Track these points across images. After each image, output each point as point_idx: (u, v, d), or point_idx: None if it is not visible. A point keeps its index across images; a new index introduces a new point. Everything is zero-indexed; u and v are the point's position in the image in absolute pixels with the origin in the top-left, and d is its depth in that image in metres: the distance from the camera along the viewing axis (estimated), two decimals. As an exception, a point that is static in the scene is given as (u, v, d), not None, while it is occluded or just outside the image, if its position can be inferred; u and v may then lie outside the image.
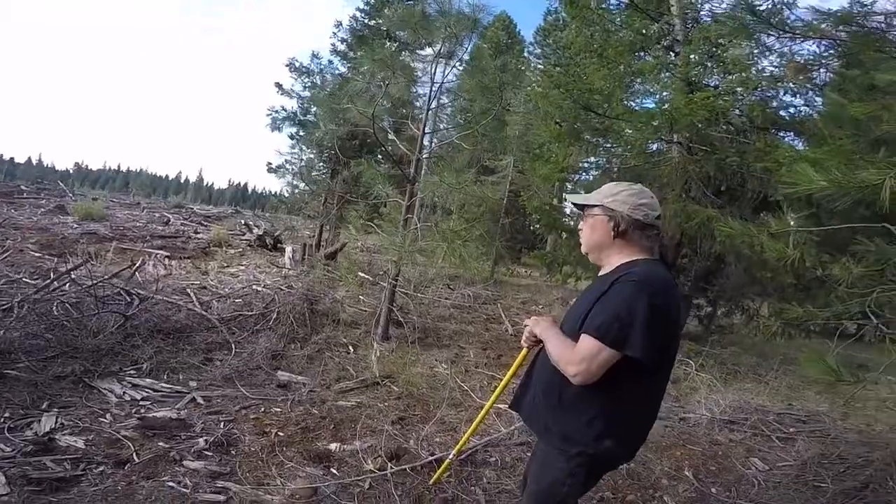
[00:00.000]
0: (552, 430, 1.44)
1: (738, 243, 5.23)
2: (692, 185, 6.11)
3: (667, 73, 6.27)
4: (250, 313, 5.53)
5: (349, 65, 12.24)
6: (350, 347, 5.40)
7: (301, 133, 12.05)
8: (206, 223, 15.04)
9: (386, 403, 3.82)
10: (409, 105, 7.32)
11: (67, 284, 4.91)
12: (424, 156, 5.84)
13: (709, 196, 6.01)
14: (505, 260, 14.32)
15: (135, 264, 6.43)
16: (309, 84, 12.13)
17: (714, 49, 6.18)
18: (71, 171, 47.30)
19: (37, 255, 7.13)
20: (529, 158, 9.02)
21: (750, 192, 5.84)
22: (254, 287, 6.92)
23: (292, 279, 8.19)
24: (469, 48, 5.47)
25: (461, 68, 5.94)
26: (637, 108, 6.53)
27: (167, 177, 57.62)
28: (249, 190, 60.74)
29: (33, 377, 3.08)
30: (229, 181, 60.84)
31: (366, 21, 12.76)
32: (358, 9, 12.87)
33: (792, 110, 6.31)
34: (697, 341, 7.71)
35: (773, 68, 6.07)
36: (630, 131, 6.26)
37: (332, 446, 2.85)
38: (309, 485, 2.33)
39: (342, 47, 12.58)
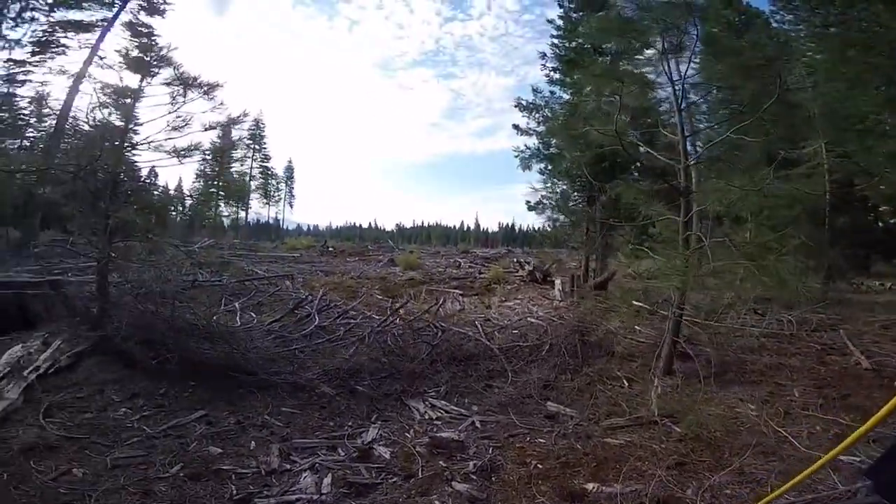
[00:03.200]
0: None
1: None
2: None
3: None
4: (525, 344, 5.88)
5: (570, 90, 12.12)
6: (624, 381, 4.99)
7: (548, 167, 12.46)
8: (486, 264, 17.29)
9: (663, 445, 3.35)
10: (652, 112, 6.54)
11: (396, 319, 6.51)
12: (691, 162, 5.02)
13: None
14: (843, 272, 10.49)
15: (438, 302, 7.90)
16: (541, 118, 12.54)
17: None
18: (394, 231, 63.69)
19: (379, 297, 9.72)
20: (854, 137, 6.46)
21: None
22: (528, 319, 7.37)
23: (562, 311, 8.35)
24: (700, 34, 4.53)
25: (697, 60, 4.92)
26: None
27: (454, 227, 69.87)
28: (516, 229, 66.47)
29: (371, 392, 4.17)
30: (499, 224, 68.82)
31: (566, 44, 12.49)
32: (552, 36, 12.78)
33: None
34: None
35: None
36: None
37: (589, 486, 2.66)
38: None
39: (556, 76, 12.64)
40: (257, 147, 47.56)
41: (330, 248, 21.28)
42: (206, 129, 6.18)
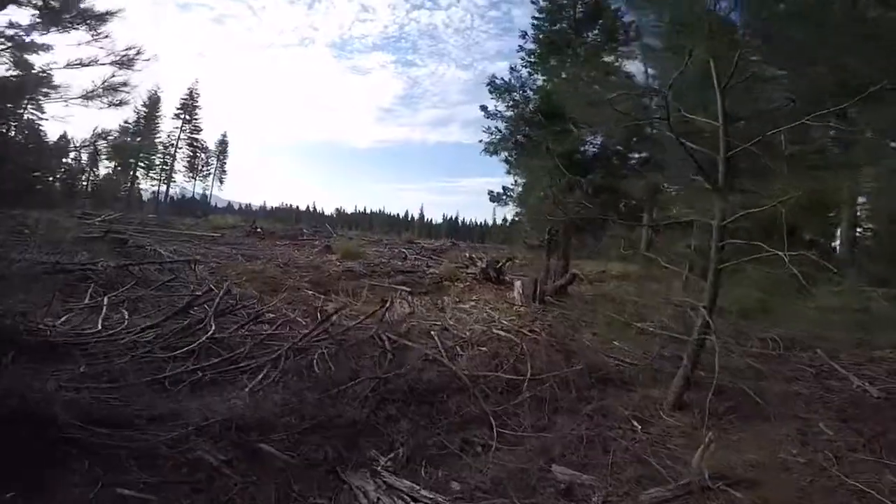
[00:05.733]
0: None
1: None
2: None
3: None
4: (502, 371, 4.44)
5: (544, 76, 11.32)
6: (634, 423, 3.84)
7: (513, 155, 11.38)
8: (433, 257, 15.92)
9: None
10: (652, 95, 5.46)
11: (329, 328, 4.86)
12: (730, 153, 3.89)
13: None
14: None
15: (385, 304, 6.36)
16: (511, 102, 11.49)
17: None
18: (334, 216, 60.41)
19: (310, 292, 7.95)
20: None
21: None
22: (494, 330, 6.05)
23: (528, 318, 7.16)
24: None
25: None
26: None
27: (398, 215, 67.90)
28: (460, 222, 66.13)
29: (287, 460, 2.56)
30: (444, 216, 68.53)
31: (548, 27, 11.74)
32: (534, 17, 11.95)
33: None
34: None
35: None
36: None
37: None
38: None
39: (532, 59, 11.77)
40: (187, 118, 42.46)
41: (258, 230, 18.85)
42: (72, 66, 4.53)
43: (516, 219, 12.23)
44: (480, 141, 11.03)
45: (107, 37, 4.52)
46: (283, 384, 3.36)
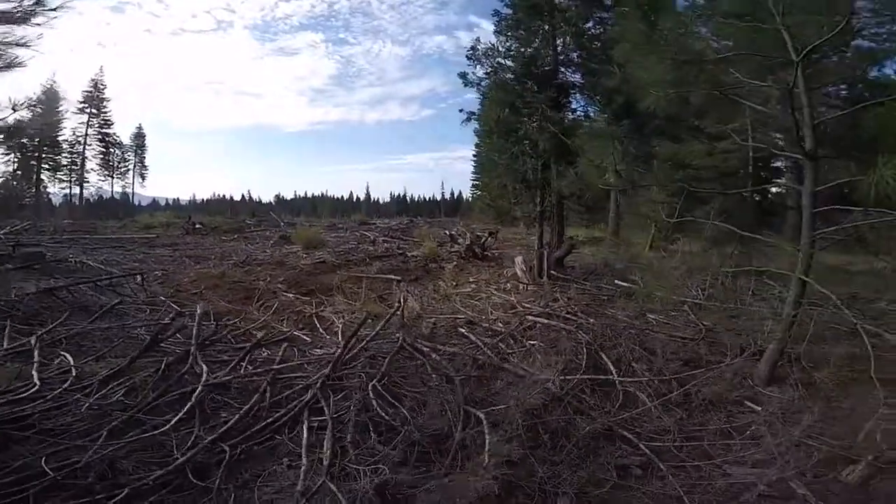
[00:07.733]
0: None
1: None
2: None
3: None
4: (584, 375, 3.64)
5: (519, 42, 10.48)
6: (749, 404, 3.32)
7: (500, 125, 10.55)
8: (402, 238, 14.86)
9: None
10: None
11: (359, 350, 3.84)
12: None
13: None
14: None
15: (398, 299, 5.41)
16: (490, 68, 10.61)
17: None
18: (273, 203, 56.31)
19: (290, 296, 6.75)
20: None
21: None
22: (529, 317, 5.31)
23: (549, 299, 6.49)
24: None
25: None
26: None
27: (343, 197, 64.85)
28: (408, 199, 64.67)
29: None
30: (391, 194, 66.61)
31: None
32: None
33: None
34: None
35: None
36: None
37: None
38: None
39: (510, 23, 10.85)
40: (94, 111, 37.52)
41: (197, 226, 16.72)
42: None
43: (481, 192, 11.38)
44: (461, 111, 10.06)
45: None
46: (350, 444, 2.36)
